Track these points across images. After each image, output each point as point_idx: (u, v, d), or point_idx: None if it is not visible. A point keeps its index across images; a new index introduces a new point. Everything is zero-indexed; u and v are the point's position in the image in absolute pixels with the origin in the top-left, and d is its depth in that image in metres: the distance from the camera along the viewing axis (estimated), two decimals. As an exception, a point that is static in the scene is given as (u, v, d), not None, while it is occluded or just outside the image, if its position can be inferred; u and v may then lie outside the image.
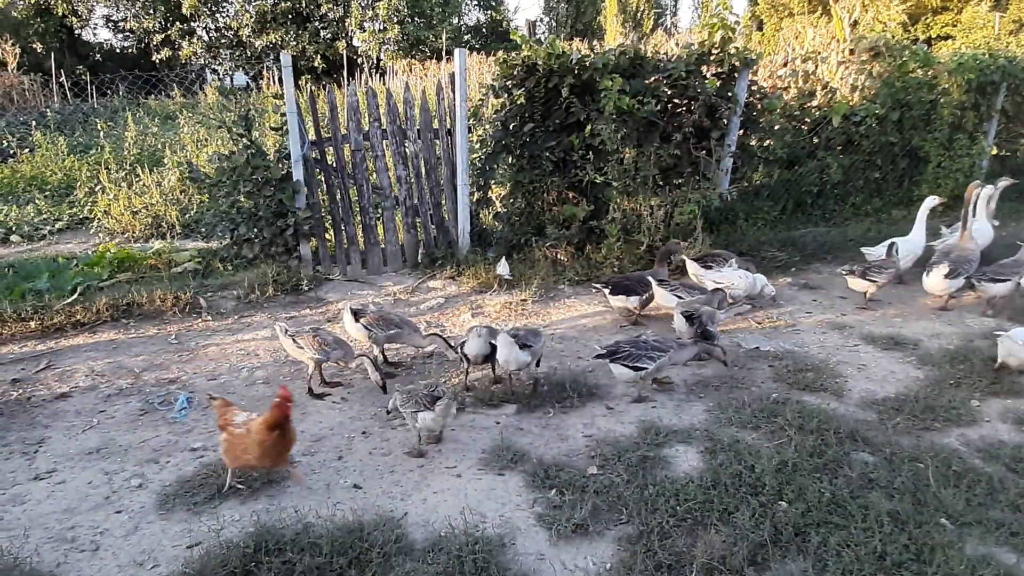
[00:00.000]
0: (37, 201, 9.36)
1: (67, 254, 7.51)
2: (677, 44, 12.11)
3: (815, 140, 8.38)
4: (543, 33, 29.04)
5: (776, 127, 8.05)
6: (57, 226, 8.64)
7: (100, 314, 5.82)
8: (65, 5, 25.58)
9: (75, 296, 6.09)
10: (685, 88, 6.80)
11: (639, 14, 24.79)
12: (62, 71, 20.63)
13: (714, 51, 6.92)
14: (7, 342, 5.42)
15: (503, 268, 6.57)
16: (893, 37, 9.02)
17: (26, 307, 5.78)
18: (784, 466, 3.46)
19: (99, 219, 8.63)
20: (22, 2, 26.03)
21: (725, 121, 6.95)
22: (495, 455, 3.73)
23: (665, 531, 3.05)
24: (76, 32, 27.87)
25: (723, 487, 3.33)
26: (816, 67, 9.30)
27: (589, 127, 6.67)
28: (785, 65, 9.58)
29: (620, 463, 3.60)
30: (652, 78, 6.86)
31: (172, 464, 3.76)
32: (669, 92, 6.90)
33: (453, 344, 4.67)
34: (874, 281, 5.86)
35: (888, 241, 6.30)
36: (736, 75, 6.98)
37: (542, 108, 7.05)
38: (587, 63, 6.68)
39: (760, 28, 23.33)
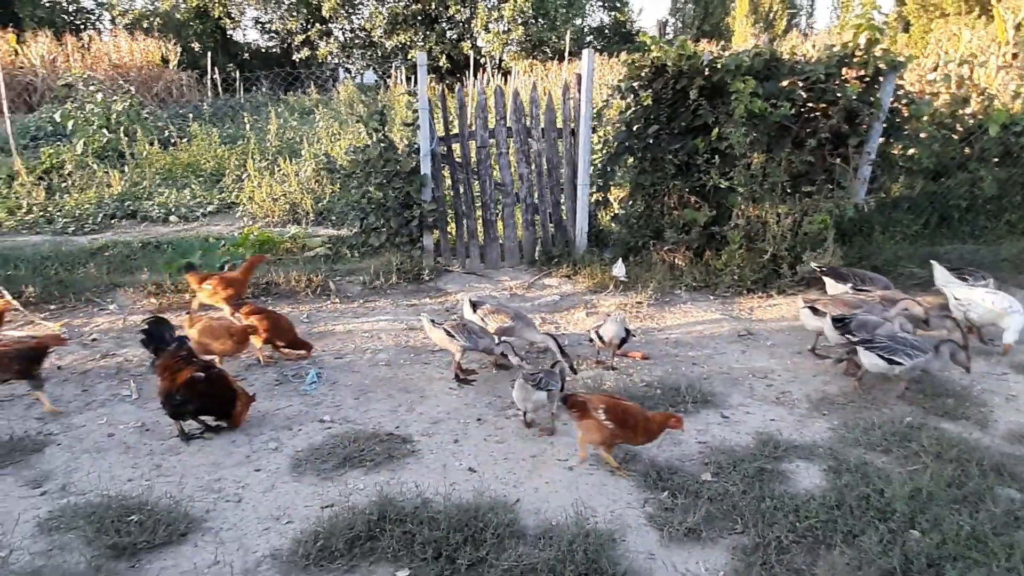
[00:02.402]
0: (192, 186, 10.30)
1: (216, 235, 8.23)
2: (814, 46, 11.56)
3: (967, 150, 7.72)
4: (669, 34, 28.52)
5: (923, 135, 7.49)
6: (208, 209, 9.47)
7: (243, 290, 6.34)
8: (221, 8, 27.92)
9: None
10: (823, 92, 6.47)
11: (771, 15, 23.77)
12: (215, 68, 22.51)
13: (858, 53, 6.55)
14: (166, 311, 6.01)
15: (619, 269, 6.55)
16: (1067, 39, 8.17)
17: (182, 281, 6.39)
18: (918, 494, 3.25)
19: (244, 204, 9.38)
20: (184, 5, 28.67)
21: (866, 127, 6.56)
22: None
23: (783, 546, 2.95)
24: (228, 33, 30.34)
25: (848, 508, 3.18)
26: (972, 72, 8.58)
27: (716, 130, 6.50)
28: (935, 69, 8.90)
29: (735, 472, 3.51)
30: (787, 81, 6.59)
31: (303, 432, 4.05)
32: (805, 96, 6.60)
33: (564, 347, 4.72)
34: None
35: None
36: (881, 79, 6.56)
37: (668, 110, 6.95)
38: (719, 64, 6.52)
39: (906, 29, 21.73)
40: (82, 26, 28.75)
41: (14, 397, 4.42)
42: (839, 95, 6.38)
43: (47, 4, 28.05)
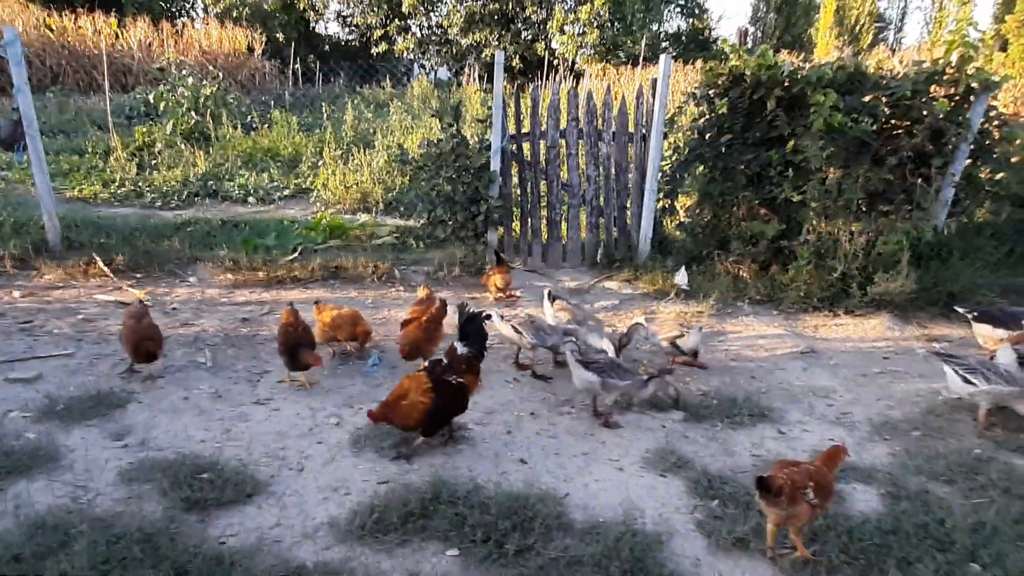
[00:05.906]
0: (271, 170, 10.73)
1: (291, 218, 8.56)
2: (901, 61, 11.15)
3: (1061, 178, 7.32)
4: (749, 43, 27.95)
5: (1014, 160, 7.15)
6: (284, 193, 9.85)
7: (314, 273, 6.60)
8: (306, 0, 28.84)
9: (295, 255, 6.96)
10: (908, 108, 6.27)
11: (858, 27, 22.96)
12: (297, 58, 23.29)
13: (949, 70, 6.31)
14: (240, 287, 6.32)
15: (681, 277, 6.51)
16: None
17: (257, 259, 6.70)
18: (981, 527, 3.15)
19: (318, 190, 9.72)
20: (272, -4, 29.73)
21: (952, 148, 6.32)
22: (659, 456, 3.77)
23: (833, 565, 2.91)
24: (311, 25, 31.31)
25: (904, 535, 3.11)
26: (1073, 95, 8.13)
27: (792, 143, 6.38)
28: (1033, 91, 8.47)
29: (789, 489, 3.47)
30: (870, 96, 6.41)
31: (364, 411, 4.18)
32: (888, 112, 6.41)
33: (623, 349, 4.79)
34: None
35: None
36: (972, 98, 6.31)
37: (743, 120, 6.86)
38: (799, 76, 6.40)
39: (1004, 48, 20.62)
40: (177, 13, 30.20)
41: (101, 356, 4.74)
42: (925, 113, 6.17)
43: (147, -9, 29.55)
